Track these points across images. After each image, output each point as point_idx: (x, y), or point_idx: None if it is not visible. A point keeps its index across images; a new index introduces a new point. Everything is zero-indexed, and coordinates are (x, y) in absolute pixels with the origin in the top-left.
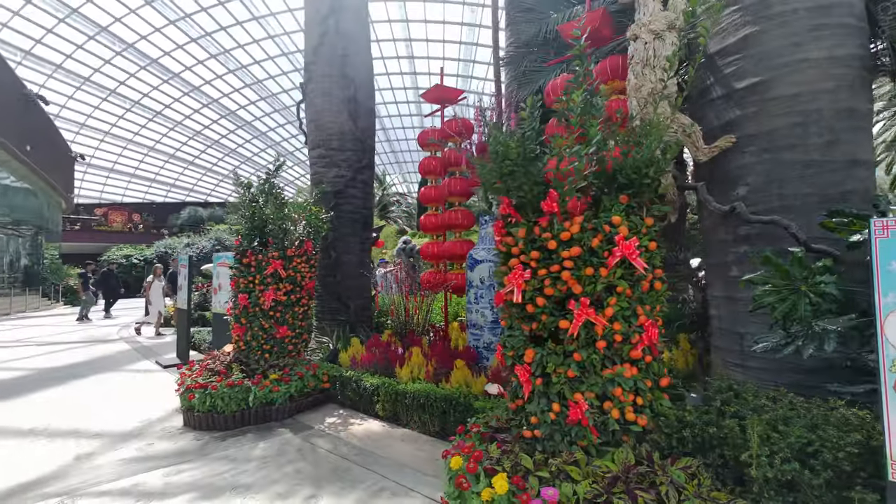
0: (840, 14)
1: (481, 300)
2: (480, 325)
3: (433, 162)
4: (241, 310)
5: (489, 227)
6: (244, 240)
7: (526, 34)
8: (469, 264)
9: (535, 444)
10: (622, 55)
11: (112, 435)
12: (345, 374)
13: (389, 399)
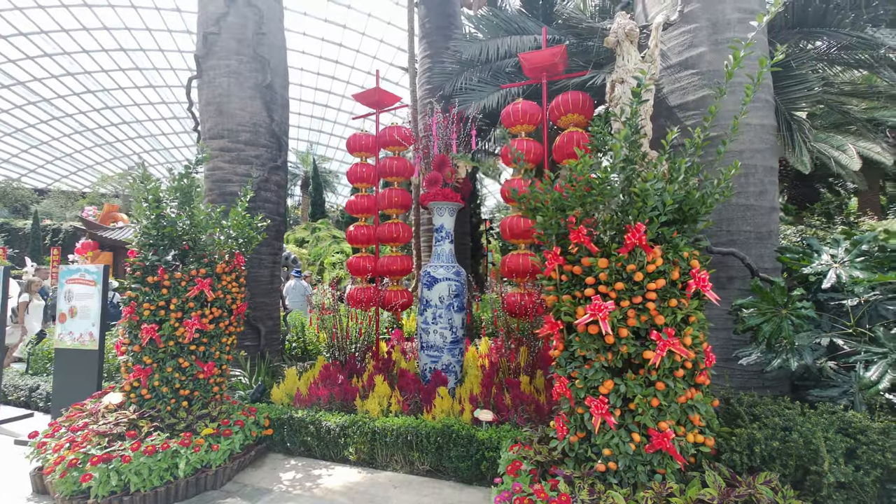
0: (766, 92)
1: (440, 320)
2: (439, 346)
3: (366, 169)
4: (145, 346)
5: (446, 244)
6: (146, 251)
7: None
8: (426, 282)
9: (607, 477)
10: (580, 91)
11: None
12: (295, 414)
13: (364, 439)
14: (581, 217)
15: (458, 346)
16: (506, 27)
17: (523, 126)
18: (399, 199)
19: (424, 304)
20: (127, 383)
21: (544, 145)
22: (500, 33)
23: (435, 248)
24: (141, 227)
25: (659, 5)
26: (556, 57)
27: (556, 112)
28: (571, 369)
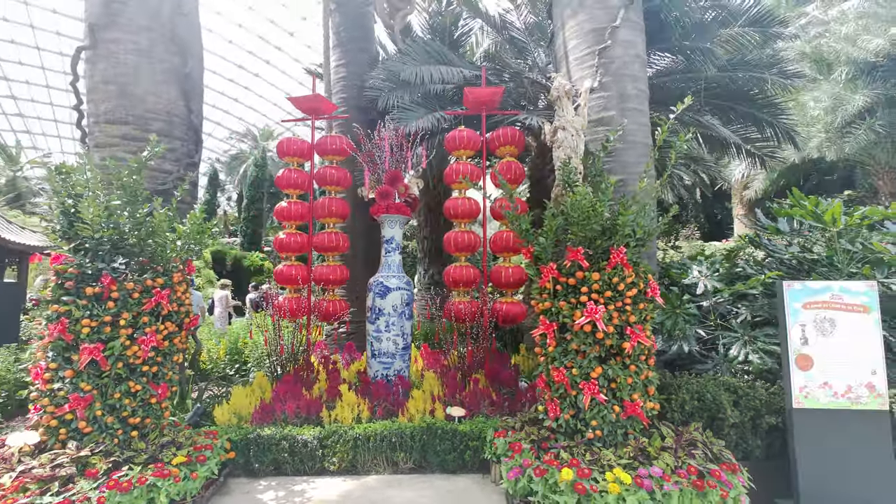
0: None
1: (393, 328)
2: (392, 352)
3: (298, 176)
4: (83, 369)
5: (396, 255)
6: (84, 257)
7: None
8: (379, 292)
9: (594, 443)
10: (513, 127)
11: None
12: (262, 433)
13: (346, 448)
14: (578, 241)
15: (407, 351)
16: (437, 57)
17: (465, 150)
18: (338, 208)
19: (377, 312)
20: (49, 417)
21: (483, 169)
22: (431, 60)
23: (385, 258)
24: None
25: (581, 71)
26: (496, 95)
27: (496, 143)
28: (567, 360)
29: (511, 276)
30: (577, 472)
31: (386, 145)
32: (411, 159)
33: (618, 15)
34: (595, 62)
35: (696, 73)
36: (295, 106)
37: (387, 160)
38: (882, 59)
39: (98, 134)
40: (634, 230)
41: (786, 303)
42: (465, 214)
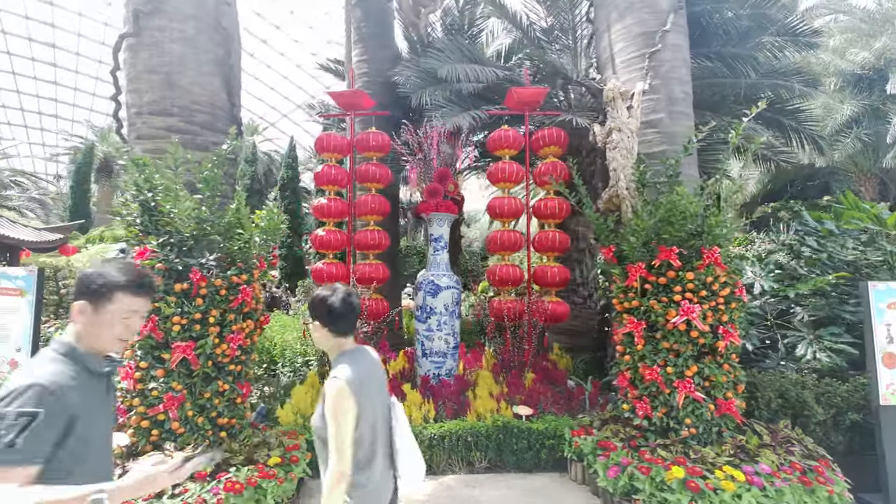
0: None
1: (444, 326)
2: (444, 351)
3: (337, 172)
4: (174, 368)
5: (444, 254)
6: (170, 252)
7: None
8: (430, 290)
9: (688, 441)
10: (558, 128)
11: None
12: None
13: (423, 448)
14: (673, 240)
15: (457, 350)
16: (469, 55)
17: (508, 150)
18: (378, 205)
19: (428, 311)
20: (139, 418)
21: (526, 169)
22: (464, 59)
23: (434, 257)
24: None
25: (628, 74)
26: (540, 96)
27: (540, 143)
28: (660, 359)
29: (557, 275)
30: (688, 470)
31: (434, 142)
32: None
33: (668, 19)
34: (645, 65)
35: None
36: (335, 101)
37: (435, 157)
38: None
39: (140, 125)
40: (724, 230)
41: (871, 303)
42: (511, 213)
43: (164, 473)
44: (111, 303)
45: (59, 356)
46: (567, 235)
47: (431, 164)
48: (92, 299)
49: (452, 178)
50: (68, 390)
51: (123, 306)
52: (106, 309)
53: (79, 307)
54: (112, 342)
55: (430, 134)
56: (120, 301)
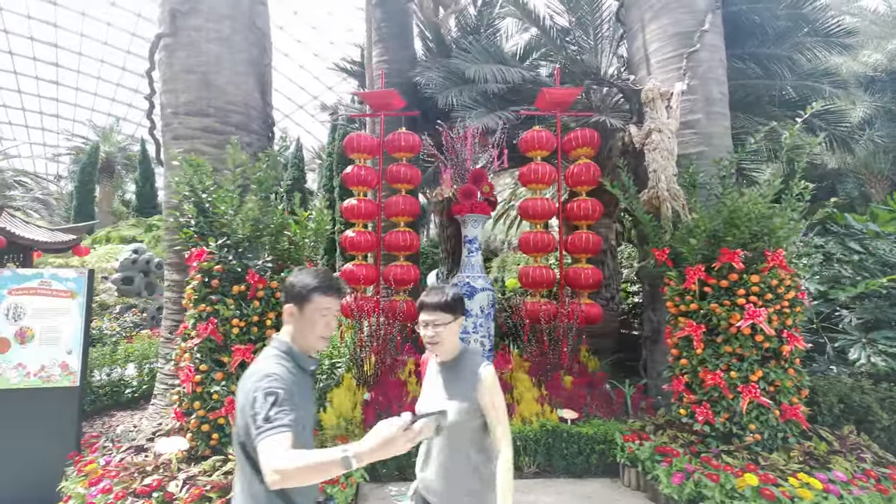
0: None
1: (480, 329)
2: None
3: (367, 173)
4: (233, 372)
5: (478, 255)
6: (227, 254)
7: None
8: (466, 292)
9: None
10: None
11: None
12: None
13: None
14: (735, 243)
15: (492, 353)
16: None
17: (540, 151)
18: (408, 206)
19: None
20: (197, 422)
21: (558, 170)
22: (489, 60)
23: (468, 258)
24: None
25: (664, 74)
26: (572, 96)
27: (572, 144)
28: (722, 363)
29: (590, 277)
30: (761, 478)
31: (468, 143)
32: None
33: (705, 19)
34: (682, 65)
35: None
36: (366, 101)
37: (469, 158)
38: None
39: (177, 125)
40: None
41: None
42: (544, 215)
43: (400, 435)
44: (310, 303)
45: (280, 353)
46: (600, 237)
47: (465, 164)
48: (296, 302)
49: (487, 179)
50: (290, 383)
51: (319, 305)
52: (307, 309)
53: (288, 310)
54: (317, 340)
55: (463, 134)
56: (316, 301)
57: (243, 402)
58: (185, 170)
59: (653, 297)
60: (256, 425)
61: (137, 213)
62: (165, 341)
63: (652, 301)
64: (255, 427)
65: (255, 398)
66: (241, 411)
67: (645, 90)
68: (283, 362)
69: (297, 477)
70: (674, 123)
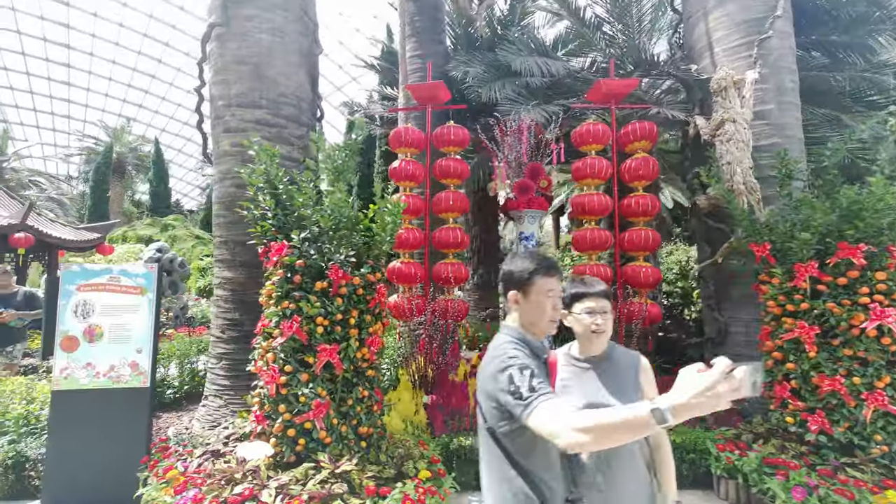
0: None
1: None
2: None
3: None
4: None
5: None
6: (309, 248)
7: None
8: None
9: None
10: (648, 122)
11: None
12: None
13: None
14: (856, 237)
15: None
16: (537, 49)
17: (594, 145)
18: (458, 202)
19: None
20: (281, 426)
21: (614, 165)
22: (532, 52)
23: None
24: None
25: (731, 62)
26: (629, 87)
27: (629, 137)
28: (841, 368)
29: (650, 275)
30: None
31: (524, 137)
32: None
33: (777, 4)
34: (753, 53)
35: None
36: (413, 94)
37: (525, 152)
38: None
39: (229, 118)
40: None
41: None
42: (600, 211)
43: (726, 387)
44: (533, 286)
45: (515, 340)
46: (659, 234)
47: (521, 159)
48: (519, 287)
49: (545, 174)
50: (534, 367)
51: (543, 288)
52: (531, 293)
53: (512, 297)
54: (548, 324)
55: (518, 127)
56: (539, 284)
57: (491, 385)
58: (260, 158)
59: (718, 297)
60: (522, 398)
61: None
62: (216, 340)
63: (717, 301)
64: (520, 401)
65: (509, 375)
66: (489, 396)
67: (716, 79)
68: (521, 349)
69: (600, 436)
70: (748, 113)
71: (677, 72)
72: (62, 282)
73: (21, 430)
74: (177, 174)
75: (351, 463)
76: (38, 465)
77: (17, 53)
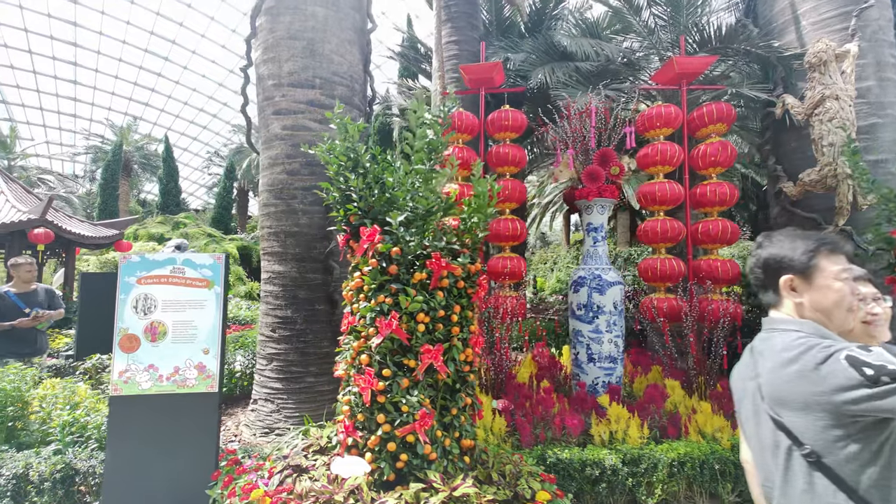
0: None
1: (614, 327)
2: (614, 356)
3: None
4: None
5: (604, 245)
6: (405, 234)
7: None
8: (597, 286)
9: None
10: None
11: None
12: (562, 455)
13: (663, 477)
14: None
15: (623, 355)
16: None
17: (663, 130)
18: (515, 192)
19: (594, 310)
20: (378, 439)
21: (685, 149)
22: (586, 35)
23: (595, 248)
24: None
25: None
26: (706, 65)
27: (703, 121)
28: None
29: (729, 270)
30: None
31: (592, 120)
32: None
33: None
34: (851, 24)
35: None
36: (466, 75)
37: (593, 138)
38: None
39: (279, 98)
40: None
41: None
42: (673, 201)
43: None
44: (819, 270)
45: (808, 334)
46: (737, 225)
47: (589, 144)
48: (799, 272)
49: (616, 160)
50: None
51: (833, 267)
52: (817, 278)
53: (787, 283)
54: (846, 316)
55: (586, 110)
56: (825, 265)
57: (806, 389)
58: (342, 134)
59: None
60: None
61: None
62: (266, 340)
63: None
64: (878, 388)
65: (846, 360)
66: (806, 406)
67: (814, 52)
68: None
69: None
70: (852, 89)
71: (756, 48)
72: (121, 273)
73: (66, 438)
74: (182, 173)
75: (467, 483)
76: (88, 479)
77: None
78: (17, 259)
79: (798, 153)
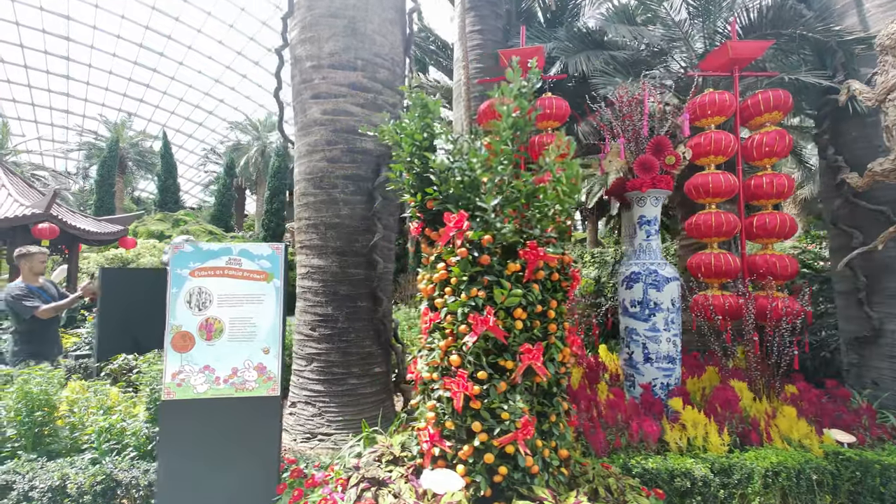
0: None
1: (672, 326)
2: (672, 356)
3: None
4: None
5: (657, 238)
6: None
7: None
8: (653, 282)
9: None
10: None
11: None
12: (647, 465)
13: (756, 489)
14: None
15: (680, 355)
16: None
17: (715, 118)
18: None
19: (651, 307)
20: (471, 449)
21: (737, 139)
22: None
23: (648, 241)
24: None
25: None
26: (761, 50)
27: (757, 108)
28: None
29: (788, 266)
30: None
31: (646, 107)
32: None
33: None
34: None
35: None
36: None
37: (645, 126)
38: None
39: (319, 81)
40: None
41: None
42: (727, 192)
43: None
44: None
45: None
46: (794, 219)
47: (641, 133)
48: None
49: (671, 149)
50: None
51: None
52: None
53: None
54: None
55: (638, 97)
56: None
57: None
58: (416, 110)
59: (870, 291)
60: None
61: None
62: (305, 339)
63: (869, 295)
64: None
65: None
66: None
67: (887, 33)
68: None
69: None
70: None
71: (814, 32)
72: (172, 265)
73: (103, 446)
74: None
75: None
76: (131, 491)
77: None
78: (28, 248)
79: (860, 142)
